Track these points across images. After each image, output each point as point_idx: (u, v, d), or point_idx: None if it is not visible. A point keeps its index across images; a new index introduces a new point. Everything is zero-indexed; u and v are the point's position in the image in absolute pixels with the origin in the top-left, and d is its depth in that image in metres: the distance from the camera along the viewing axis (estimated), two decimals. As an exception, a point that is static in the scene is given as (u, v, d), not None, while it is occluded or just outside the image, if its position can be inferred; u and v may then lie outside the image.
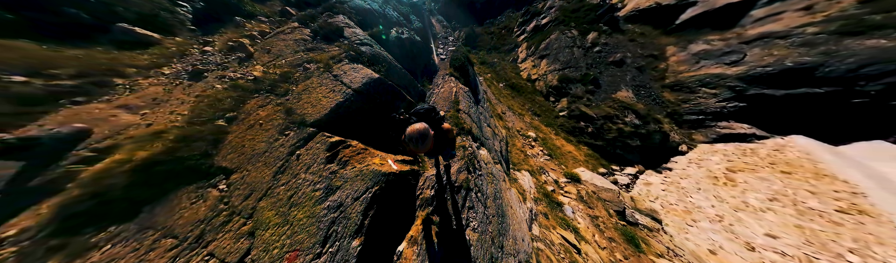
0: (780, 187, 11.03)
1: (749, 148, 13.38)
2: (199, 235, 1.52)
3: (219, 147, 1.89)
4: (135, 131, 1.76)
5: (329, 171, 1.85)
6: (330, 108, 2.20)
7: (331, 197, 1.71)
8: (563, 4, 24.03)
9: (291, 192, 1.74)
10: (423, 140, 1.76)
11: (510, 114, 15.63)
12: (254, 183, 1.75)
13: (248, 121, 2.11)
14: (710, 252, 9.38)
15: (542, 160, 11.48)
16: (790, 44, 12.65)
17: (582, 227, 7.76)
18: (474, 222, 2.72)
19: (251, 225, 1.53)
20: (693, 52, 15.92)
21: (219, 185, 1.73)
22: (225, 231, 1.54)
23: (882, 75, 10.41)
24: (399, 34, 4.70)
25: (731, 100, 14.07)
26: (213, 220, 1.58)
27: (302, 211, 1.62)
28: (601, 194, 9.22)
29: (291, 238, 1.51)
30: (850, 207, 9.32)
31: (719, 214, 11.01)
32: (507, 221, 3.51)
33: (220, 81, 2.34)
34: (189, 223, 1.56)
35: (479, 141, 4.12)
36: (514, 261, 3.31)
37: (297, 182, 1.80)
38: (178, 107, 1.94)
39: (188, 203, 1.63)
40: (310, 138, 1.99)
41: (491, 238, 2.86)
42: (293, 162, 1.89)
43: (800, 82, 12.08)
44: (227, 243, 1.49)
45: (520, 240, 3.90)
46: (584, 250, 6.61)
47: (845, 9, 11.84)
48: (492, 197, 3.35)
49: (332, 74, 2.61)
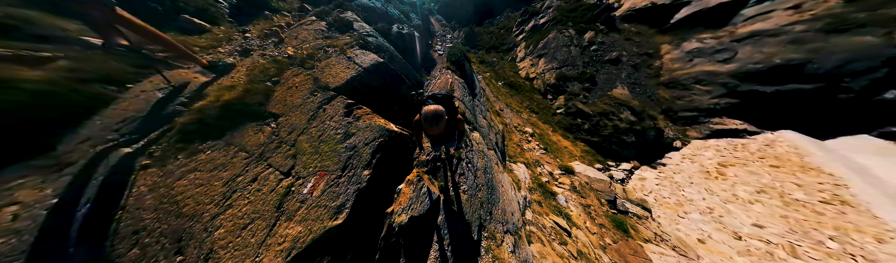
0: (769, 180, 11.48)
1: (740, 143, 13.82)
2: (261, 152, 2.16)
3: (269, 99, 2.52)
4: (213, 86, 2.40)
5: (346, 121, 2.40)
6: (346, 80, 2.78)
7: (348, 140, 2.27)
8: (560, 4, 24.53)
9: (320, 133, 2.32)
10: (437, 120, 1.88)
11: (508, 111, 16.09)
12: (294, 124, 2.36)
13: (286, 84, 2.71)
14: (699, 242, 9.81)
15: (538, 154, 11.93)
16: (779, 42, 13.12)
17: (574, 215, 8.21)
18: (464, 186, 3.19)
19: (294, 151, 2.15)
20: (687, 50, 16.40)
21: (271, 124, 2.35)
22: (277, 153, 2.16)
23: (865, 71, 10.87)
24: (400, 30, 5.18)
25: (723, 97, 14.53)
26: (269, 145, 2.20)
27: (328, 146, 2.20)
28: (594, 184, 9.66)
29: (321, 163, 2.09)
30: (833, 198, 9.76)
31: (710, 206, 11.45)
32: (497, 194, 3.97)
33: (263, 57, 2.97)
34: (254, 144, 2.20)
35: (472, 125, 4.58)
36: (502, 228, 3.77)
37: (323, 126, 2.37)
38: (237, 73, 2.63)
39: (252, 132, 2.26)
40: (332, 98, 2.58)
41: (480, 202, 3.32)
42: (321, 112, 2.47)
43: (788, 78, 12.54)
44: (278, 159, 2.11)
45: (509, 214, 4.36)
46: (574, 234, 7.06)
47: (831, 7, 12.31)
48: (482, 169, 3.82)
49: (346, 56, 3.17)
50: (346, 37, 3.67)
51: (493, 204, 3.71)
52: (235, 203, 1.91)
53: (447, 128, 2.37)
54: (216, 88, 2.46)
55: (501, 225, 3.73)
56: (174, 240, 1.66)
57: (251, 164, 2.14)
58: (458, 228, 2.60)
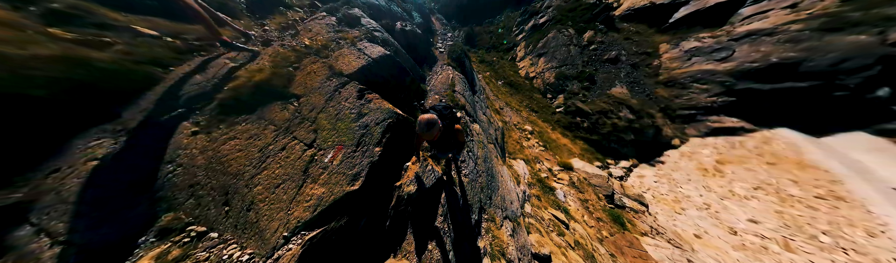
0: (765, 177, 11.71)
1: (738, 140, 14.05)
2: (287, 126, 2.44)
3: (291, 82, 2.82)
4: (243, 71, 2.69)
5: (359, 103, 2.68)
6: (357, 68, 3.07)
7: (361, 119, 2.55)
8: (560, 4, 24.77)
9: (336, 112, 2.59)
10: (429, 127, 2.07)
11: (508, 110, 16.30)
12: (314, 104, 2.64)
13: (305, 70, 2.99)
14: (696, 237, 10.03)
15: (538, 151, 12.15)
16: (776, 41, 13.36)
17: (572, 209, 8.43)
18: (465, 171, 3.42)
19: (314, 127, 2.44)
20: (685, 50, 16.63)
21: (294, 103, 2.65)
22: (301, 127, 2.44)
23: (860, 69, 11.10)
24: (403, 27, 5.41)
25: (721, 95, 14.76)
26: (293, 120, 2.49)
27: (344, 124, 2.47)
28: (592, 180, 9.88)
29: (338, 138, 2.37)
30: (828, 194, 10.00)
31: (707, 202, 11.68)
32: (496, 182, 4.18)
33: (282, 47, 3.24)
34: (281, 119, 2.49)
35: (473, 116, 4.82)
36: (502, 214, 3.99)
37: (339, 106, 2.64)
38: (261, 60, 2.97)
39: (279, 109, 2.55)
40: (346, 83, 2.87)
41: (480, 187, 3.54)
42: (336, 95, 2.74)
43: (785, 77, 12.77)
44: (302, 133, 2.39)
45: (509, 203, 4.58)
46: (572, 226, 7.27)
47: (827, 7, 12.55)
48: (482, 158, 4.04)
49: (356, 48, 3.45)
50: (355, 31, 3.95)
51: (492, 191, 3.92)
52: (269, 166, 2.21)
53: (445, 137, 2.54)
54: (246, 72, 2.77)
55: (501, 211, 3.95)
56: (222, 194, 1.99)
57: (279, 136, 2.44)
58: (460, 208, 2.82)
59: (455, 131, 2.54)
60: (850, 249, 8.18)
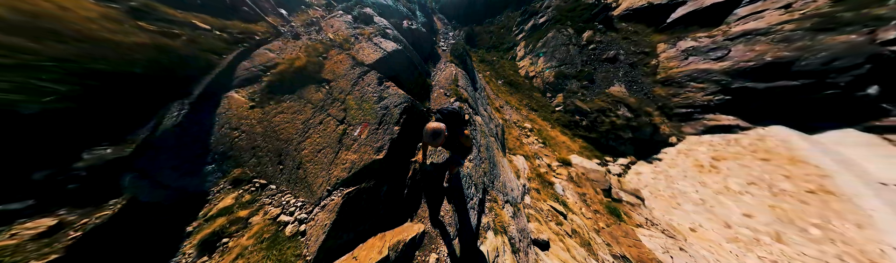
0: (759, 172, 12.08)
1: (733, 138, 14.42)
2: (322, 106, 2.82)
3: (322, 69, 3.22)
4: (281, 59, 3.06)
5: (379, 89, 3.04)
6: (376, 59, 3.47)
7: (381, 102, 2.93)
8: (559, 4, 25.17)
9: (361, 94, 2.97)
10: (435, 137, 2.11)
11: (508, 108, 16.66)
12: (342, 88, 3.03)
13: (333, 59, 3.38)
14: (691, 230, 10.39)
15: (537, 147, 12.50)
16: (770, 40, 13.75)
17: (570, 202, 8.77)
18: (470, 156, 3.77)
19: (344, 106, 2.82)
20: (682, 49, 17.02)
21: (325, 86, 3.03)
22: (333, 106, 2.83)
23: (850, 68, 11.49)
24: (409, 25, 5.76)
25: (717, 94, 15.13)
26: (327, 101, 2.89)
27: (368, 105, 2.85)
28: (589, 175, 10.23)
29: (364, 117, 2.75)
30: (819, 188, 10.36)
31: (702, 198, 12.04)
32: (497, 170, 4.53)
33: (310, 40, 3.62)
34: (317, 100, 2.88)
35: (475, 109, 5.17)
36: (503, 198, 4.33)
37: (363, 90, 3.03)
38: (295, 50, 3.35)
39: (314, 91, 2.94)
40: (367, 72, 3.29)
41: (483, 171, 3.89)
42: (360, 81, 3.13)
43: (779, 75, 13.15)
44: (334, 111, 2.76)
45: (509, 189, 4.93)
46: (570, 217, 7.62)
47: (820, 7, 12.95)
48: (484, 147, 4.38)
49: (373, 42, 3.83)
50: (370, 28, 4.34)
51: (494, 177, 4.26)
52: (311, 136, 2.60)
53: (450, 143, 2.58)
54: (286, 60, 3.13)
55: (502, 195, 4.29)
56: (276, 155, 2.44)
57: (317, 113, 2.83)
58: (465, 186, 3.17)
59: (461, 137, 2.53)
60: (839, 240, 8.54)
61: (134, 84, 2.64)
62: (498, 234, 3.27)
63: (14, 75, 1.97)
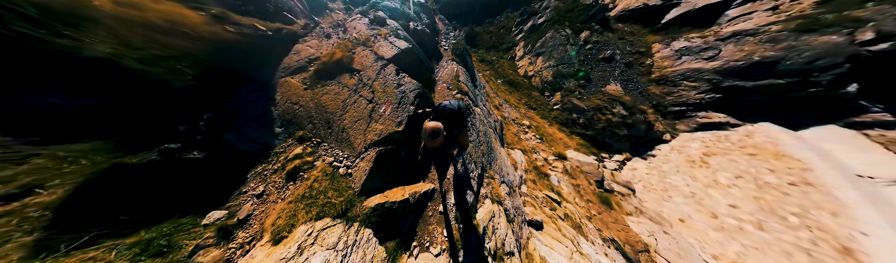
0: (746, 167, 12.76)
1: (724, 135, 15.11)
2: (355, 89, 3.58)
3: (353, 62, 3.91)
4: (320, 53, 3.74)
5: (397, 78, 3.78)
6: (392, 55, 4.21)
7: (400, 87, 3.64)
8: (558, 5, 25.89)
9: (384, 81, 3.69)
10: (434, 137, 2.18)
11: (507, 106, 17.33)
12: (369, 75, 3.80)
13: (359, 54, 4.11)
14: (680, 221, 11.07)
15: (534, 143, 13.17)
16: (758, 41, 14.46)
17: (564, 192, 9.44)
18: (470, 138, 4.44)
19: (372, 90, 3.51)
20: (676, 49, 17.72)
21: (356, 74, 3.68)
22: (363, 89, 3.57)
23: (832, 67, 12.19)
24: (415, 27, 6.42)
25: (708, 92, 15.84)
26: (358, 85, 3.60)
27: (390, 89, 3.60)
28: (583, 168, 10.90)
29: (386, 98, 3.45)
30: (800, 180, 11.05)
31: (692, 191, 12.72)
32: (494, 154, 5.20)
33: (339, 38, 4.32)
34: (351, 84, 3.65)
35: (474, 102, 5.84)
36: (500, 178, 5.01)
37: (385, 78, 3.77)
38: (329, 47, 4.06)
39: (348, 77, 3.72)
40: (387, 65, 4.06)
41: (482, 153, 4.56)
42: (382, 71, 3.89)
43: (766, 74, 13.86)
44: (365, 93, 3.55)
45: (506, 173, 5.60)
46: (563, 205, 8.29)
47: (804, 9, 13.67)
48: (483, 132, 5.04)
49: (388, 41, 4.54)
50: (384, 29, 5.05)
51: (492, 160, 4.92)
52: (349, 110, 3.35)
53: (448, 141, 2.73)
54: (325, 54, 3.84)
55: (499, 176, 4.96)
56: (325, 123, 3.22)
57: (352, 94, 3.57)
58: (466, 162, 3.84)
59: (459, 136, 2.62)
60: (815, 227, 9.22)
61: (226, 70, 3.47)
62: (494, 202, 3.93)
63: (169, 62, 2.81)
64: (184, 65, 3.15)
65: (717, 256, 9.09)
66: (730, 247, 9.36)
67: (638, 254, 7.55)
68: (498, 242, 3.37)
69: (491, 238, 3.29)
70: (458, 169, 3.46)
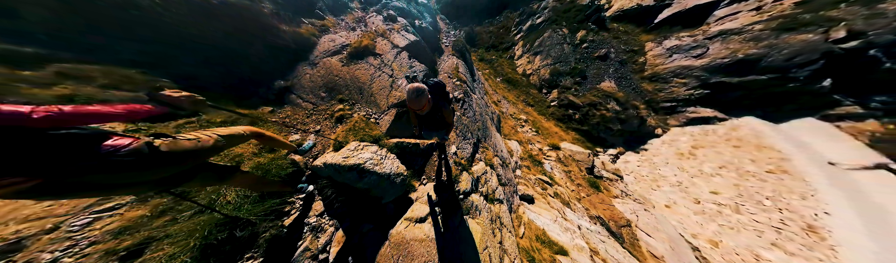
0: (730, 157, 13.82)
1: (711, 128, 16.19)
2: (379, 67, 4.68)
3: (375, 48, 4.97)
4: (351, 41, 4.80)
5: (409, 62, 4.86)
6: (404, 45, 5.26)
7: (412, 68, 4.74)
8: (555, 5, 27.05)
9: (400, 63, 4.78)
10: (418, 95, 2.17)
11: (505, 103, 18.37)
12: (389, 58, 4.88)
13: (379, 43, 5.24)
14: (666, 206, 12.09)
15: (531, 135, 14.21)
16: (743, 39, 15.57)
17: (557, 177, 10.46)
18: (469, 112, 5.46)
19: (391, 69, 4.55)
20: (667, 47, 18.84)
21: (379, 57, 4.78)
22: (385, 68, 4.62)
23: (808, 63, 13.28)
24: (420, 24, 7.48)
25: (697, 88, 16.92)
26: (381, 65, 4.63)
27: (404, 68, 4.82)
28: (575, 156, 11.93)
29: (402, 74, 4.42)
30: (777, 169, 12.11)
31: (679, 180, 13.75)
32: (490, 132, 6.23)
33: (362, 30, 5.43)
34: (377, 64, 4.74)
35: (470, 89, 6.89)
36: (494, 152, 6.04)
37: (401, 61, 4.87)
38: (356, 37, 5.14)
39: (373, 59, 4.80)
40: (401, 51, 5.16)
41: (477, 128, 5.59)
42: (398, 55, 4.97)
43: (749, 71, 14.95)
44: (386, 70, 4.61)
45: (500, 150, 6.64)
46: (555, 186, 9.30)
47: (785, 9, 14.79)
48: (479, 113, 6.08)
49: (400, 34, 5.64)
50: (396, 24, 6.13)
51: (487, 136, 5.94)
52: (375, 82, 4.40)
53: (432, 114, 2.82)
54: (354, 42, 4.89)
55: (493, 150, 6.00)
56: (358, 90, 4.29)
57: (376, 71, 4.62)
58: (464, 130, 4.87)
59: (444, 110, 2.71)
60: (785, 209, 10.25)
61: (288, 50, 4.64)
62: (488, 165, 4.95)
63: (260, 44, 4.02)
64: (264, 46, 4.41)
65: (696, 235, 10.10)
66: (709, 228, 10.37)
67: (620, 229, 8.57)
68: (490, 189, 4.38)
69: (484, 186, 4.30)
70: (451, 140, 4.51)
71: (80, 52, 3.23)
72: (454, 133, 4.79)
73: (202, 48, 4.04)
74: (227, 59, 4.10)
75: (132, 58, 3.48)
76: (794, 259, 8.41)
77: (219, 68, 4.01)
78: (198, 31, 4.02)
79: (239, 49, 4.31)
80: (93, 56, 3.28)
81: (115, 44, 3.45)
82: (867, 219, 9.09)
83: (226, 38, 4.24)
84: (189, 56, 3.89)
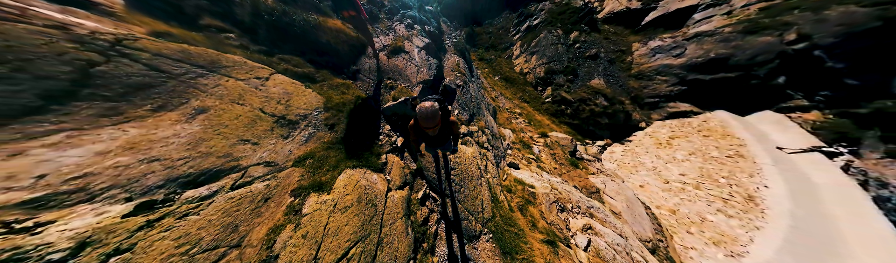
0: (699, 145, 16.26)
1: (688, 121, 18.64)
2: (408, 59, 7.01)
3: (404, 47, 7.38)
4: (389, 42, 7.21)
5: (427, 57, 7.33)
6: (422, 45, 7.75)
7: (429, 61, 7.17)
8: (551, 7, 29.65)
9: (421, 57, 7.19)
10: (432, 116, 2.27)
11: (502, 99, 20.81)
12: (413, 54, 7.22)
13: (406, 44, 7.59)
14: (640, 186, 14.49)
15: (523, 126, 16.64)
16: (715, 40, 18.09)
17: (543, 157, 12.85)
18: (467, 95, 7.91)
19: (416, 61, 6.98)
20: (651, 48, 21.35)
21: (408, 54, 7.18)
22: (413, 60, 6.98)
23: (766, 62, 15.77)
24: (429, 29, 9.95)
25: (676, 85, 19.40)
26: (410, 59, 7.01)
27: (424, 61, 7.06)
28: (561, 142, 14.36)
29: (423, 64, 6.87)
30: (735, 154, 14.54)
31: (654, 166, 16.17)
32: (484, 112, 8.68)
33: (394, 35, 7.86)
34: (407, 57, 7.08)
35: (469, 80, 9.35)
36: (486, 125, 8.49)
37: (421, 56, 7.34)
38: (390, 40, 7.52)
39: (405, 54, 7.14)
40: (421, 50, 7.62)
41: (474, 105, 8.03)
42: (419, 52, 7.52)
43: (719, 69, 17.44)
44: (413, 62, 6.87)
45: (492, 125, 9.08)
46: (539, 163, 11.68)
47: (750, 14, 17.32)
48: (476, 98, 8.52)
49: (419, 37, 8.10)
50: (414, 30, 8.57)
51: (481, 114, 8.35)
52: (408, 67, 6.85)
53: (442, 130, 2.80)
54: (390, 43, 7.26)
55: (487, 124, 8.44)
56: (397, 71, 6.69)
57: (408, 61, 7.06)
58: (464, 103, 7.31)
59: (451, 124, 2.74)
60: (735, 184, 12.67)
61: (359, 46, 7.01)
62: (480, 129, 7.31)
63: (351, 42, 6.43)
64: (349, 46, 6.80)
65: (660, 206, 12.50)
66: (671, 201, 12.78)
67: (591, 195, 10.98)
68: (482, 140, 6.76)
69: (477, 137, 6.69)
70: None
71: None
72: (455, 103, 7.25)
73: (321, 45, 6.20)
74: (332, 53, 6.28)
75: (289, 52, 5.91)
76: (731, 219, 10.83)
77: (326, 57, 6.14)
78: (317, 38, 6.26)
79: (337, 47, 6.50)
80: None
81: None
82: (794, 188, 11.51)
83: (330, 44, 6.42)
84: (314, 52, 6.09)
